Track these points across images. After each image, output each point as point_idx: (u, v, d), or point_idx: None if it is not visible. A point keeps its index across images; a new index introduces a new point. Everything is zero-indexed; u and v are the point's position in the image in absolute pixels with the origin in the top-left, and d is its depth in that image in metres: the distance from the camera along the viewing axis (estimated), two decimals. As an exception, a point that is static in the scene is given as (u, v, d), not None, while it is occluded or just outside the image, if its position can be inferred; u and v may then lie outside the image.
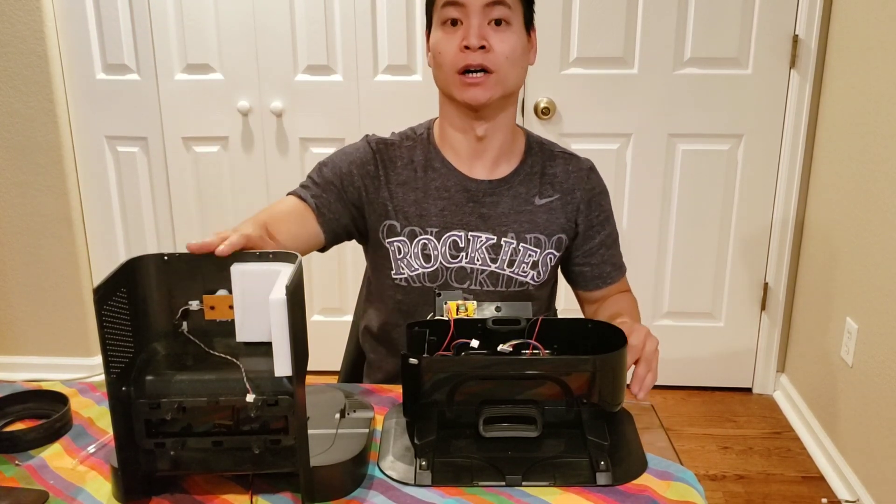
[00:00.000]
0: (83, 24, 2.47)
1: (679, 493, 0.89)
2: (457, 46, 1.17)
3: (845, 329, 2.13)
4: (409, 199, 1.26)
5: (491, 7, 1.16)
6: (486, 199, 1.26)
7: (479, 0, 1.16)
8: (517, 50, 1.19)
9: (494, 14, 1.17)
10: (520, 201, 1.27)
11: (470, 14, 1.17)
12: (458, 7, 1.17)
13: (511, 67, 1.19)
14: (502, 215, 1.27)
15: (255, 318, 0.88)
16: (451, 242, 1.26)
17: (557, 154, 1.32)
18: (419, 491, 0.90)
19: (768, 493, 2.12)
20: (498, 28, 1.17)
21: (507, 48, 1.18)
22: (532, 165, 1.29)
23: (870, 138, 2.03)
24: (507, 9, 1.17)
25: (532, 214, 1.28)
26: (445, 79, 1.21)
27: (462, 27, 1.17)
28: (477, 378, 0.94)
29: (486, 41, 1.16)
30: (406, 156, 1.28)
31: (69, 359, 2.74)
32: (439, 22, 1.20)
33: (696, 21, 2.35)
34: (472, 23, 1.16)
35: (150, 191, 2.65)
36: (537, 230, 1.28)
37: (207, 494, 0.90)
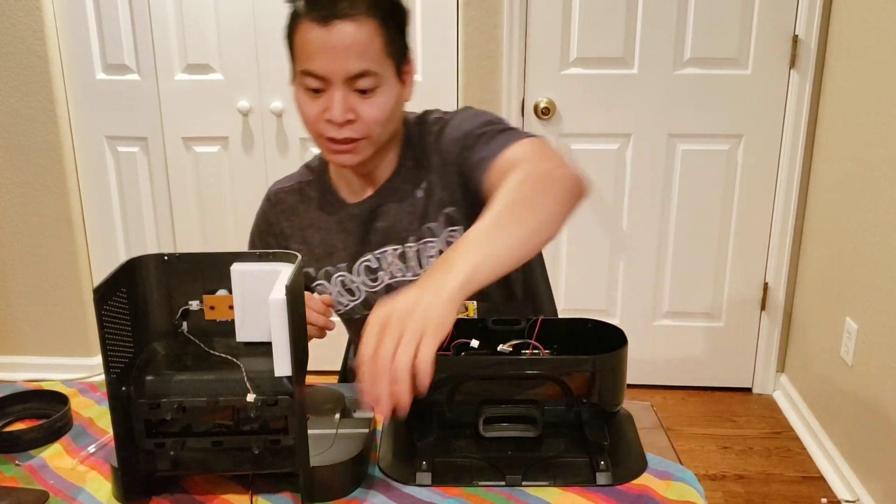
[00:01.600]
0: (83, 24, 2.47)
1: (679, 492, 0.89)
2: (319, 114, 1.08)
3: (845, 329, 2.13)
4: (316, 239, 1.24)
5: (355, 79, 1.06)
6: (372, 216, 1.21)
7: (342, 73, 1.05)
8: (388, 110, 1.09)
9: (360, 85, 1.06)
10: (405, 201, 1.19)
11: (333, 86, 1.06)
12: (318, 79, 1.06)
13: (383, 128, 1.11)
14: (395, 223, 1.20)
15: (255, 318, 0.88)
16: (364, 269, 1.22)
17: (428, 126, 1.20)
18: (419, 491, 0.90)
19: (768, 493, 2.12)
20: (365, 95, 1.07)
21: (378, 114, 1.08)
22: (411, 156, 1.20)
23: (869, 138, 2.03)
24: (374, 77, 1.06)
25: (417, 208, 1.19)
26: (311, 136, 1.13)
27: (325, 95, 1.07)
28: (477, 378, 0.94)
29: (352, 112, 1.07)
30: (306, 197, 1.25)
31: (69, 359, 2.74)
32: (299, 82, 1.09)
33: (695, 21, 2.35)
34: (335, 96, 1.05)
35: (150, 191, 2.65)
36: (427, 221, 1.19)
37: (207, 494, 0.90)
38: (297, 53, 1.08)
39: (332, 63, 1.04)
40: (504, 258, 0.86)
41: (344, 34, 1.03)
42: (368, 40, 1.05)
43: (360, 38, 1.04)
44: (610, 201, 2.54)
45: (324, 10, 1.03)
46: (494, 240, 0.86)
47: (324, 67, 1.05)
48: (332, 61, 1.04)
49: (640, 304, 2.63)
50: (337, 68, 1.04)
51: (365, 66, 1.05)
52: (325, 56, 1.04)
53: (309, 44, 1.05)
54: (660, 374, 2.69)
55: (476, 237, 0.86)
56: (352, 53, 1.04)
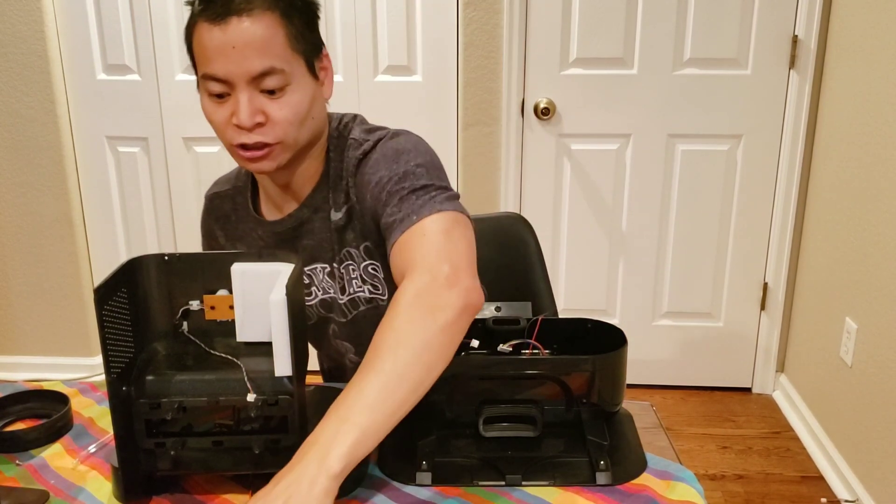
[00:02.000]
0: (84, 24, 2.47)
1: (678, 492, 0.89)
2: (227, 120, 1.00)
3: (844, 329, 2.13)
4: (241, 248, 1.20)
5: (260, 78, 0.97)
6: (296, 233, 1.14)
7: (244, 74, 0.97)
8: (302, 109, 1.01)
9: (266, 84, 0.98)
10: (323, 221, 1.12)
11: (236, 88, 0.98)
12: (221, 82, 0.98)
13: (299, 128, 1.02)
14: (320, 241, 1.13)
15: (255, 318, 0.88)
16: None
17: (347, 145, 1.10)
18: (419, 491, 0.90)
19: (767, 493, 2.12)
20: (273, 96, 0.99)
21: (290, 114, 1.00)
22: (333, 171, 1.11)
23: (869, 138, 2.03)
24: (281, 74, 0.98)
25: (335, 232, 1.11)
26: (225, 146, 1.05)
27: (230, 100, 0.99)
28: (477, 378, 0.94)
29: (261, 114, 0.99)
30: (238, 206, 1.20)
31: (70, 359, 2.74)
32: (203, 88, 1.01)
33: (695, 21, 2.35)
34: (240, 99, 0.98)
35: (150, 191, 2.65)
36: (346, 244, 1.11)
37: (208, 494, 0.90)
38: (198, 57, 1.00)
39: (232, 63, 0.96)
40: (391, 420, 0.79)
41: (241, 31, 0.96)
42: (269, 36, 0.97)
43: (258, 33, 0.96)
44: (610, 201, 2.54)
45: (217, 8, 0.96)
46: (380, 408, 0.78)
47: (224, 69, 0.97)
48: (232, 62, 0.96)
49: (639, 304, 2.63)
50: (238, 69, 0.96)
51: (268, 63, 0.97)
52: (224, 57, 0.96)
53: (206, 46, 0.97)
54: (659, 373, 2.69)
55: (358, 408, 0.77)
56: (251, 51, 0.96)
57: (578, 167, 2.51)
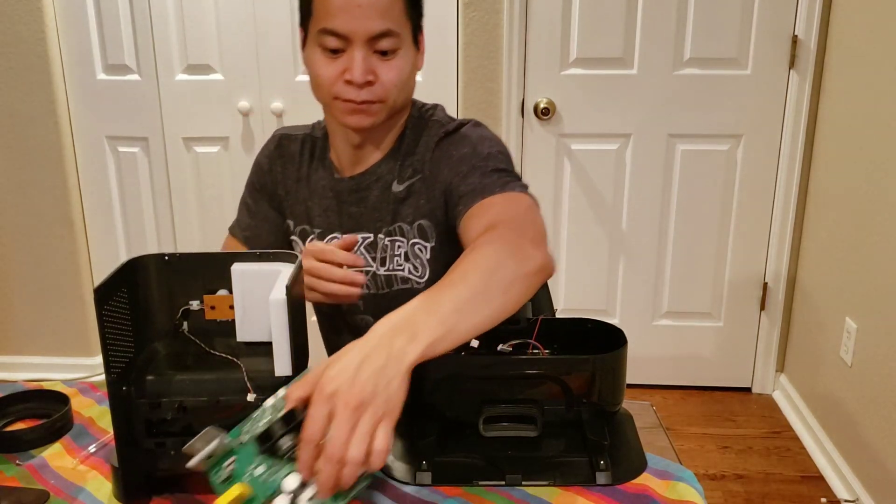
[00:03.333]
0: (84, 24, 2.47)
1: (678, 492, 0.89)
2: (337, 75, 1.05)
3: (844, 329, 2.13)
4: (300, 196, 1.23)
5: (377, 39, 1.04)
6: (352, 197, 1.18)
7: (365, 32, 1.02)
8: (406, 74, 1.08)
9: (381, 45, 1.04)
10: (383, 191, 1.17)
11: (353, 45, 1.03)
12: (339, 38, 1.04)
13: (400, 92, 1.09)
14: (372, 210, 1.17)
15: (255, 318, 0.88)
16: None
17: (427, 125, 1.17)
18: (419, 491, 0.90)
19: (767, 493, 2.12)
20: (385, 57, 1.05)
21: (396, 77, 1.06)
22: (401, 149, 1.17)
23: (869, 138, 2.03)
24: (395, 37, 1.05)
25: (393, 203, 1.16)
26: (324, 100, 1.11)
27: (343, 56, 1.04)
28: (477, 378, 0.94)
29: (372, 73, 1.05)
30: (304, 152, 1.23)
31: (70, 358, 2.74)
32: (316, 43, 1.06)
33: (695, 21, 2.35)
34: (355, 56, 1.03)
35: (150, 191, 2.65)
36: (399, 219, 1.16)
37: (208, 494, 0.90)
38: (317, 11, 1.05)
39: (355, 21, 1.02)
40: (465, 336, 0.80)
41: None
42: (391, 1, 1.03)
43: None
44: (610, 201, 2.54)
45: None
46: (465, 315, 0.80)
47: (346, 26, 1.02)
48: (355, 19, 1.02)
49: (639, 303, 2.63)
50: (359, 27, 1.02)
51: (387, 25, 1.03)
52: (349, 14, 1.01)
53: (332, 2, 1.02)
54: (659, 373, 2.69)
55: (448, 305, 0.79)
56: (374, 12, 1.02)
57: (578, 167, 2.51)
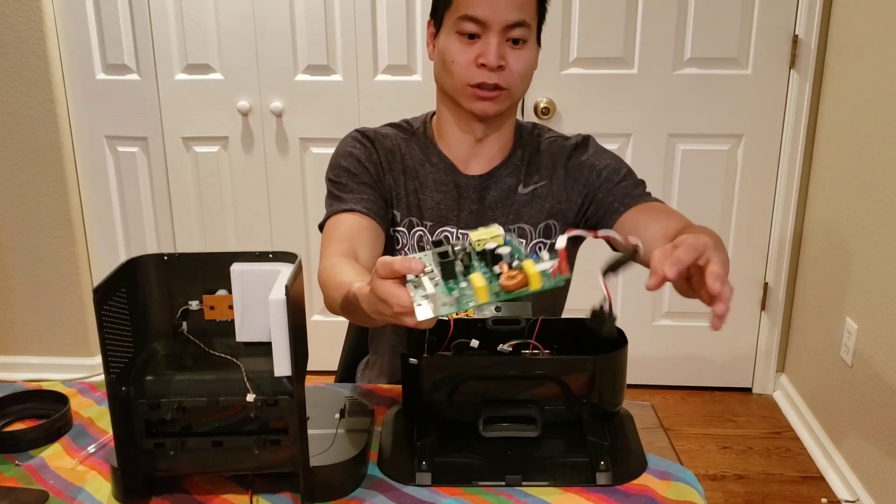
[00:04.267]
0: (83, 24, 2.47)
1: (679, 492, 0.89)
2: (471, 60, 1.14)
3: (845, 329, 2.13)
4: (410, 188, 1.25)
5: (512, 27, 1.13)
6: (474, 195, 1.24)
7: (502, 20, 1.12)
8: (531, 66, 1.18)
9: (514, 34, 1.14)
10: (505, 193, 1.25)
11: (490, 31, 1.13)
12: (477, 24, 1.13)
13: (522, 83, 1.18)
14: (489, 209, 1.25)
15: (254, 318, 0.88)
16: (444, 238, 1.24)
17: (547, 139, 1.29)
18: (419, 491, 0.90)
19: (768, 493, 2.12)
20: (515, 46, 1.15)
21: (523, 66, 1.16)
22: (521, 156, 1.27)
23: (869, 138, 2.03)
24: (527, 28, 1.14)
25: (516, 205, 1.25)
26: (454, 86, 1.18)
27: (479, 42, 1.14)
28: (477, 378, 0.94)
29: (504, 60, 1.14)
30: (403, 147, 1.26)
31: (69, 359, 2.74)
32: (454, 30, 1.15)
33: (695, 21, 2.35)
34: (490, 41, 1.12)
35: (150, 191, 2.65)
36: (521, 220, 1.25)
37: (207, 494, 0.90)
38: (457, 1, 1.14)
39: (494, 9, 1.11)
40: None
41: None
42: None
43: None
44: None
45: None
46: None
47: (486, 13, 1.11)
48: (495, 7, 1.11)
49: (639, 303, 2.63)
50: (497, 15, 1.11)
51: (522, 16, 1.13)
52: (490, 3, 1.11)
53: None
54: (660, 374, 2.69)
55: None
56: (514, 3, 1.12)
57: (578, 167, 2.51)
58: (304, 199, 2.60)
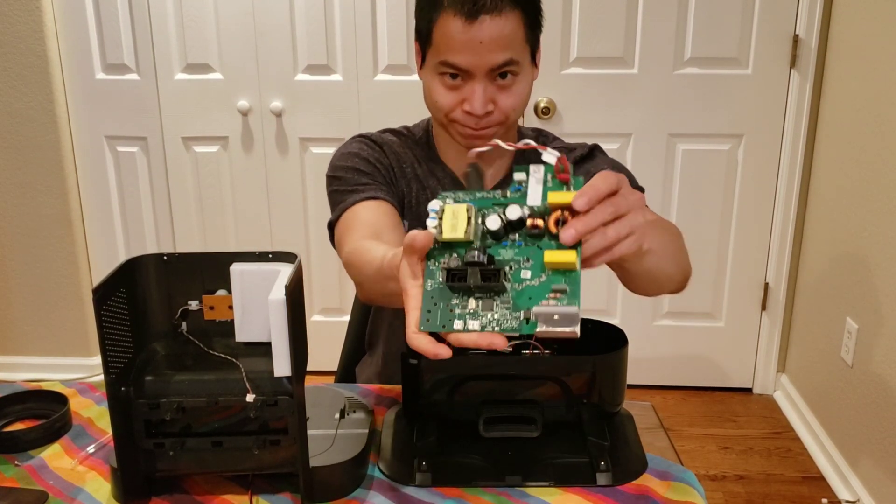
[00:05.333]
0: (83, 23, 2.47)
1: (679, 493, 0.89)
2: (456, 103, 1.06)
3: (846, 329, 2.13)
4: (421, 198, 1.21)
5: (498, 69, 1.04)
6: None
7: (486, 67, 1.02)
8: (525, 95, 1.09)
9: (501, 72, 1.04)
10: None
11: (474, 78, 1.04)
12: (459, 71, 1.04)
13: (516, 112, 1.09)
14: None
15: (254, 318, 0.87)
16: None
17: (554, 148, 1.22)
18: (419, 491, 0.90)
19: (768, 494, 2.12)
20: (505, 82, 1.05)
21: (515, 101, 1.07)
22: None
23: (870, 138, 2.03)
24: (516, 65, 1.04)
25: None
26: (441, 120, 1.11)
27: (465, 86, 1.05)
28: (477, 378, 0.94)
29: (492, 103, 1.05)
30: (409, 154, 1.21)
31: (69, 359, 2.74)
32: (435, 71, 1.06)
33: (696, 21, 2.35)
34: (475, 88, 1.03)
35: (149, 191, 2.64)
36: None
37: (207, 495, 0.90)
38: (437, 44, 1.05)
39: (476, 57, 1.02)
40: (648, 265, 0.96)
41: (491, 29, 1.00)
42: (513, 32, 1.02)
43: (506, 31, 1.01)
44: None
45: (471, 5, 1.00)
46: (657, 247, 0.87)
47: (467, 61, 1.02)
48: (477, 55, 1.02)
49: (640, 303, 2.63)
50: (480, 62, 1.02)
51: (508, 56, 1.03)
52: (470, 51, 1.01)
53: (453, 38, 1.02)
54: (660, 374, 2.68)
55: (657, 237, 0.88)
56: (496, 46, 1.01)
57: (579, 167, 2.51)
58: (304, 199, 2.60)
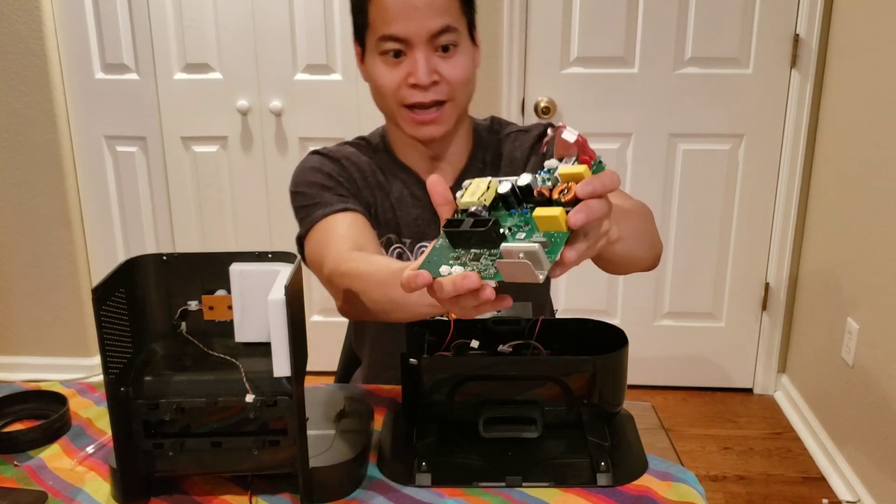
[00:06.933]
0: (82, 23, 2.47)
1: (680, 493, 0.89)
2: (401, 80, 1.06)
3: (846, 329, 2.12)
4: (386, 205, 1.20)
5: (437, 36, 1.04)
6: None
7: (425, 32, 1.03)
8: (468, 69, 1.09)
9: (441, 41, 1.05)
10: None
11: (415, 47, 1.04)
12: (399, 41, 1.05)
13: (464, 89, 1.10)
14: None
15: (253, 319, 0.87)
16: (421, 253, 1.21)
17: (507, 135, 1.22)
18: (419, 491, 0.90)
19: (769, 494, 2.12)
20: (447, 53, 1.06)
21: (460, 73, 1.07)
22: (483, 158, 1.21)
23: (870, 138, 2.02)
24: (455, 32, 1.06)
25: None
26: (390, 110, 1.11)
27: (406, 59, 1.06)
28: (477, 378, 0.94)
29: (436, 73, 1.06)
30: (369, 163, 1.21)
31: (68, 359, 2.74)
32: (377, 51, 1.07)
33: (696, 21, 2.34)
34: (417, 57, 1.04)
35: (149, 190, 2.64)
36: None
37: (206, 495, 0.89)
38: (374, 20, 1.06)
39: (414, 23, 1.03)
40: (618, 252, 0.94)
41: None
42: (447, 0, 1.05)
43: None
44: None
45: None
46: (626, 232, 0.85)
47: (406, 28, 1.03)
48: (414, 21, 1.03)
49: (640, 304, 2.63)
50: (419, 27, 1.03)
51: (446, 21, 1.04)
52: (406, 17, 1.03)
53: (389, 8, 1.03)
54: (660, 374, 2.68)
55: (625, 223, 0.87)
56: (432, 11, 1.03)
57: (579, 167, 2.51)
58: (304, 198, 2.59)
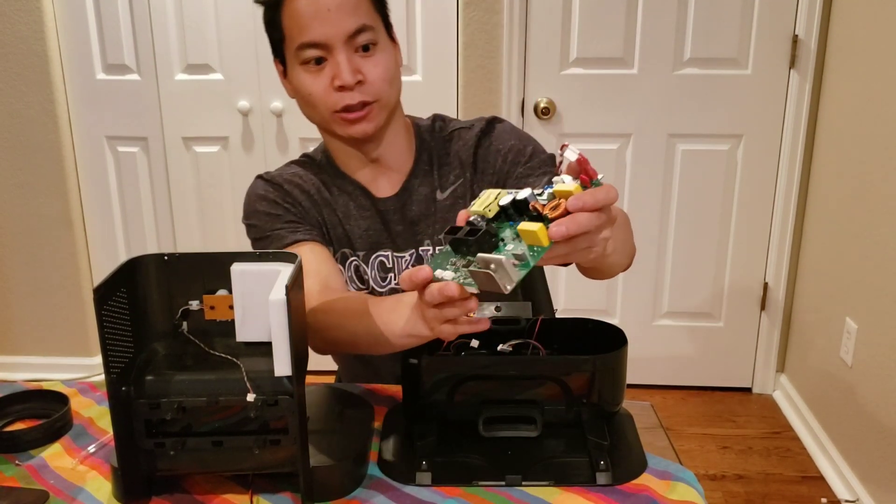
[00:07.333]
0: (83, 24, 2.47)
1: (679, 492, 0.89)
2: (327, 86, 1.08)
3: (845, 329, 2.13)
4: (334, 220, 1.20)
5: (354, 36, 1.06)
6: (396, 216, 1.19)
7: (341, 34, 1.05)
8: (391, 66, 1.11)
9: (360, 41, 1.07)
10: (425, 204, 1.19)
11: (334, 50, 1.06)
12: (318, 47, 1.06)
13: (390, 87, 1.11)
14: (414, 225, 1.19)
15: (254, 318, 0.88)
16: (379, 264, 1.19)
17: (451, 134, 1.22)
18: (419, 491, 0.90)
19: (768, 493, 2.12)
20: (367, 53, 1.08)
21: (383, 71, 1.09)
22: (427, 159, 1.20)
23: (869, 138, 2.03)
24: (371, 31, 1.07)
25: (439, 213, 1.18)
26: (322, 118, 1.12)
27: (328, 64, 1.07)
28: (477, 378, 0.94)
29: (359, 73, 1.07)
30: (314, 180, 1.21)
31: (69, 359, 2.74)
32: (298, 62, 1.09)
33: (695, 21, 2.35)
34: (339, 59, 1.06)
35: (150, 191, 2.65)
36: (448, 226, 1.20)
37: (207, 494, 0.90)
38: (289, 30, 1.08)
39: (329, 25, 1.05)
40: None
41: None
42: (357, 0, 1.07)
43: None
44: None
45: None
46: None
47: (322, 32, 1.05)
48: (329, 23, 1.05)
49: (639, 304, 2.63)
50: (335, 29, 1.05)
51: (361, 21, 1.06)
52: (321, 21, 1.04)
53: (302, 14, 1.05)
54: (660, 373, 2.69)
55: None
56: (345, 12, 1.05)
57: (578, 167, 2.51)
58: (304, 199, 2.60)
